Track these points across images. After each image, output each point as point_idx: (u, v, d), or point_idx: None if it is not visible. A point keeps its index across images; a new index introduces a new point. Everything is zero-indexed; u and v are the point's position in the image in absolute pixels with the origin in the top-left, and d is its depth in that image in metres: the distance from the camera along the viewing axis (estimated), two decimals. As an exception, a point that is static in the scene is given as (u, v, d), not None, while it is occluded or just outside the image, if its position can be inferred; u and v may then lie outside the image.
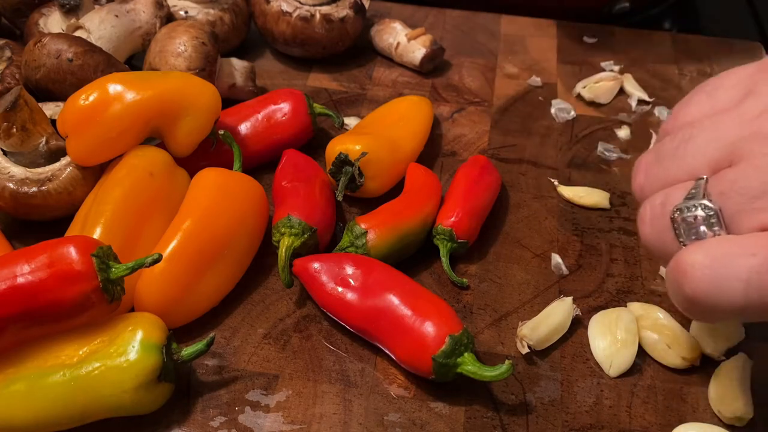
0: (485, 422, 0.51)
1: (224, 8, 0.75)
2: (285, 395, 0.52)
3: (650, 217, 0.46)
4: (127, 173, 0.57)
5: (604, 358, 0.54)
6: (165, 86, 0.59)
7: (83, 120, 0.56)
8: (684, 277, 0.41)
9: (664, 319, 0.55)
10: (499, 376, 0.49)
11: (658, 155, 0.48)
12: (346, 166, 0.61)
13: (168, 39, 0.66)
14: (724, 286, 0.40)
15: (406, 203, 0.60)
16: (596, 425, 0.51)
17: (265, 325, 0.56)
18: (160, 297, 0.53)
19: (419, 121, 0.68)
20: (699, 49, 0.84)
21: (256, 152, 0.66)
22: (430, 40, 0.78)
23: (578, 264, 0.61)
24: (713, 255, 0.41)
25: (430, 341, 0.50)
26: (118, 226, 0.54)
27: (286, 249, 0.56)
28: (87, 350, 0.48)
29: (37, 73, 0.62)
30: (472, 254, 0.61)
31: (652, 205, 0.46)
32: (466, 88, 0.77)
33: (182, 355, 0.50)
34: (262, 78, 0.76)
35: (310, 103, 0.68)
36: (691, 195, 0.43)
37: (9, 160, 0.58)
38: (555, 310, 0.56)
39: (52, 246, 0.47)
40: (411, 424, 0.51)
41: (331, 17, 0.75)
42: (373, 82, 0.78)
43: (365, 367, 0.54)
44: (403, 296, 0.52)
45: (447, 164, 0.69)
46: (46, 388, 0.47)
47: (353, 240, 0.57)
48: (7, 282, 0.46)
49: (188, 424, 0.50)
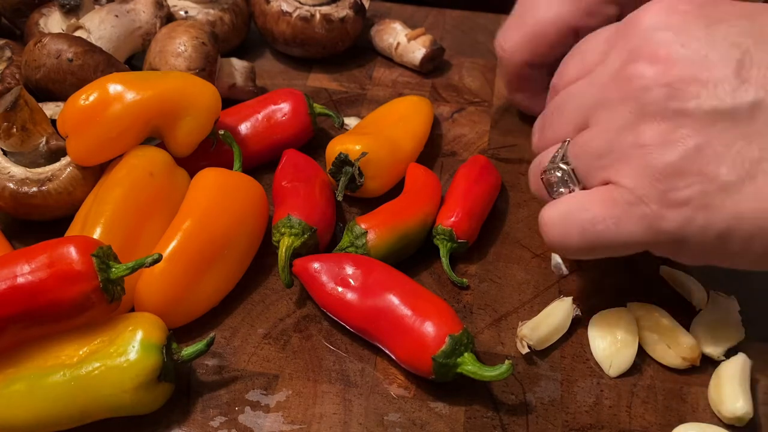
0: (485, 422, 0.51)
1: (224, 8, 0.75)
2: (285, 395, 0.52)
3: (532, 178, 0.55)
4: (127, 173, 0.57)
5: (604, 358, 0.54)
6: (165, 86, 0.59)
7: (83, 120, 0.56)
8: (543, 228, 0.51)
9: (664, 319, 0.55)
10: (499, 376, 0.49)
11: (543, 121, 0.57)
12: (346, 166, 0.61)
13: (168, 39, 0.66)
14: (567, 235, 0.49)
15: (406, 203, 0.60)
16: (596, 425, 0.51)
17: (265, 325, 0.56)
18: (160, 297, 0.53)
19: (419, 121, 0.68)
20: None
21: (256, 152, 0.66)
22: (430, 40, 0.78)
23: (578, 264, 0.61)
24: (560, 211, 0.50)
25: (430, 341, 0.50)
26: (118, 226, 0.54)
27: (286, 249, 0.56)
28: (87, 350, 0.48)
29: (37, 73, 0.62)
30: (472, 254, 0.61)
31: (532, 167, 0.55)
32: (466, 88, 0.78)
33: (182, 355, 0.50)
34: (262, 78, 0.76)
35: (310, 103, 0.68)
36: (553, 158, 0.52)
37: (9, 160, 0.58)
38: (555, 310, 0.56)
39: (52, 246, 0.47)
40: (411, 424, 0.51)
41: (331, 17, 0.75)
42: (373, 82, 0.78)
43: (365, 367, 0.54)
44: (403, 296, 0.52)
45: (447, 164, 0.69)
46: (46, 388, 0.47)
47: (353, 240, 0.57)
48: (7, 282, 0.46)
49: (188, 424, 0.50)
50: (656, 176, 0.45)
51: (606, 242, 0.48)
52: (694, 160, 0.44)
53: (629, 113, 0.47)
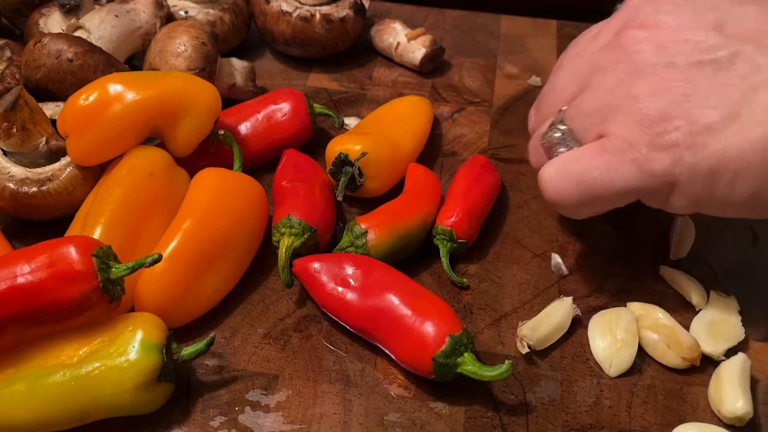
0: (485, 422, 0.51)
1: (224, 8, 0.75)
2: (285, 395, 0.52)
3: (531, 147, 0.58)
4: (127, 173, 0.57)
5: (604, 358, 0.54)
6: (165, 86, 0.59)
7: (83, 120, 0.56)
8: (542, 184, 0.54)
9: (664, 319, 0.55)
10: (499, 376, 0.49)
11: (539, 100, 0.60)
12: (346, 166, 0.61)
13: (168, 39, 0.66)
14: (565, 189, 0.52)
15: (406, 203, 0.60)
16: (596, 425, 0.51)
17: (265, 325, 0.56)
18: (160, 297, 0.53)
19: (419, 121, 0.68)
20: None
21: (256, 152, 0.66)
22: (430, 40, 0.78)
23: (578, 264, 0.61)
24: (557, 165, 0.53)
25: (430, 341, 0.50)
26: (118, 226, 0.54)
27: (286, 249, 0.56)
28: (87, 350, 0.48)
29: (37, 73, 0.62)
30: (472, 254, 0.61)
31: (532, 142, 0.58)
32: (466, 88, 0.77)
33: (182, 355, 0.50)
34: (262, 78, 0.76)
35: (310, 103, 0.68)
36: (551, 123, 0.55)
37: (9, 160, 0.58)
38: (555, 310, 0.56)
39: (52, 246, 0.47)
40: (411, 424, 0.51)
41: (331, 17, 0.75)
42: (373, 82, 0.78)
43: (365, 367, 0.54)
44: (403, 296, 0.52)
45: (447, 164, 0.69)
46: (46, 388, 0.47)
47: (353, 240, 0.57)
48: (7, 282, 0.46)
49: (188, 424, 0.50)
50: (646, 123, 0.49)
51: (601, 190, 0.51)
52: (680, 106, 0.49)
53: (622, 73, 0.51)
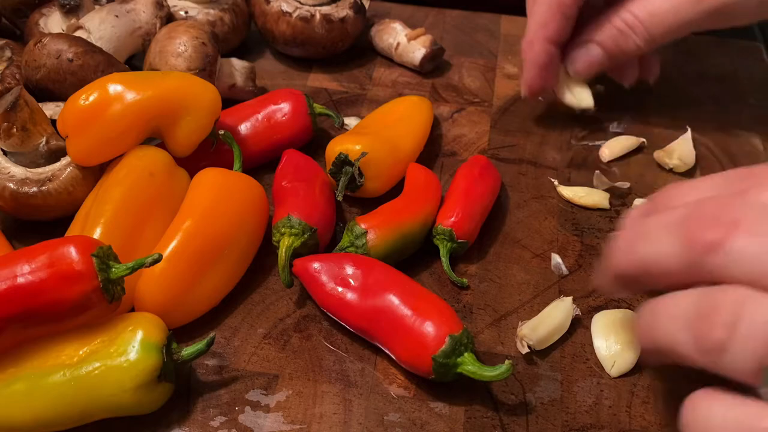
0: (485, 422, 0.51)
1: (224, 8, 0.75)
2: (285, 395, 0.52)
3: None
4: (127, 173, 0.57)
5: (607, 358, 0.54)
6: (165, 86, 0.59)
7: (83, 120, 0.56)
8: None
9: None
10: (499, 376, 0.49)
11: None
12: (346, 166, 0.61)
13: (168, 39, 0.66)
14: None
15: (406, 203, 0.60)
16: (596, 425, 0.51)
17: (265, 325, 0.56)
18: (160, 297, 0.53)
19: (419, 121, 0.68)
20: (698, 49, 0.84)
21: (256, 152, 0.66)
22: (430, 40, 0.78)
23: (578, 264, 0.61)
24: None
25: (430, 341, 0.50)
26: (118, 226, 0.54)
27: (286, 249, 0.56)
28: (87, 350, 0.48)
29: (37, 73, 0.62)
30: (472, 254, 0.61)
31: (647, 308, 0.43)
32: (466, 88, 0.78)
33: (182, 355, 0.50)
34: (262, 78, 0.76)
35: (310, 103, 0.68)
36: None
37: (9, 160, 0.58)
38: (555, 310, 0.56)
39: (52, 246, 0.47)
40: (411, 424, 0.51)
41: (331, 17, 0.75)
42: (373, 82, 0.78)
43: (365, 367, 0.54)
44: (403, 296, 0.52)
45: (447, 164, 0.69)
46: (46, 388, 0.47)
47: (353, 240, 0.57)
48: (7, 282, 0.46)
49: (188, 424, 0.50)
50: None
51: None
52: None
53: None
